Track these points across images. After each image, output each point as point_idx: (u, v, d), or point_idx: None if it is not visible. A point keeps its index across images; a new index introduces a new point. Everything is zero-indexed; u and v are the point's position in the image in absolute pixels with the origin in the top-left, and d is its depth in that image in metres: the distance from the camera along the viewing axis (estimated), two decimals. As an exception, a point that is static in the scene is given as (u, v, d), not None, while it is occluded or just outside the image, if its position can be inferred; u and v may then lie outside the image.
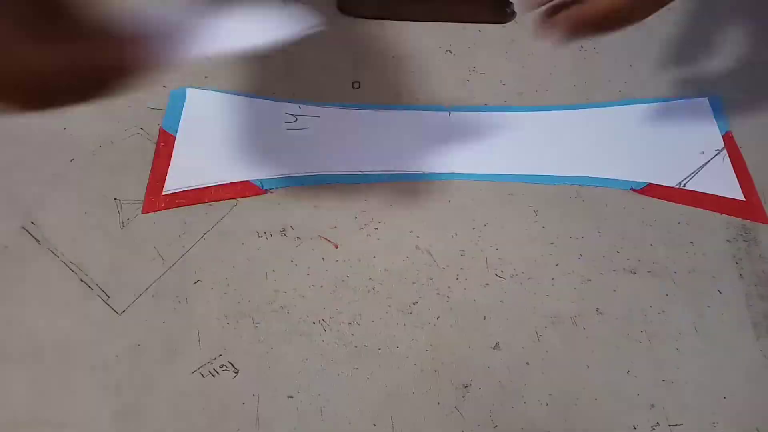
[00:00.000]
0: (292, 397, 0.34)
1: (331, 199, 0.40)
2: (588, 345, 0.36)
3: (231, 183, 0.40)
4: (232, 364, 0.34)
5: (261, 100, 0.45)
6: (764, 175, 0.42)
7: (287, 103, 0.44)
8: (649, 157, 0.43)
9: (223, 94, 0.45)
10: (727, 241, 0.40)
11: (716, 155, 0.43)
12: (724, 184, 0.42)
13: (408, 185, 0.41)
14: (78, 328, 0.35)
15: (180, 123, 0.43)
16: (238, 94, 0.45)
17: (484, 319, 0.37)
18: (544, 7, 0.33)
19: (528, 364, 0.35)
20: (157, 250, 0.38)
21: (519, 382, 0.35)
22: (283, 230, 0.39)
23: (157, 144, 0.42)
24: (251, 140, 0.43)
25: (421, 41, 0.48)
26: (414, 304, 0.37)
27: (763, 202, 0.41)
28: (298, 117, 0.43)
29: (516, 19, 0.50)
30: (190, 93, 0.44)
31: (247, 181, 0.40)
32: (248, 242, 0.39)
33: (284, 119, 0.43)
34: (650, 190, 0.42)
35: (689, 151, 0.44)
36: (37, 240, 0.38)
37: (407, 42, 0.48)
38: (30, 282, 0.36)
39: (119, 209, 0.39)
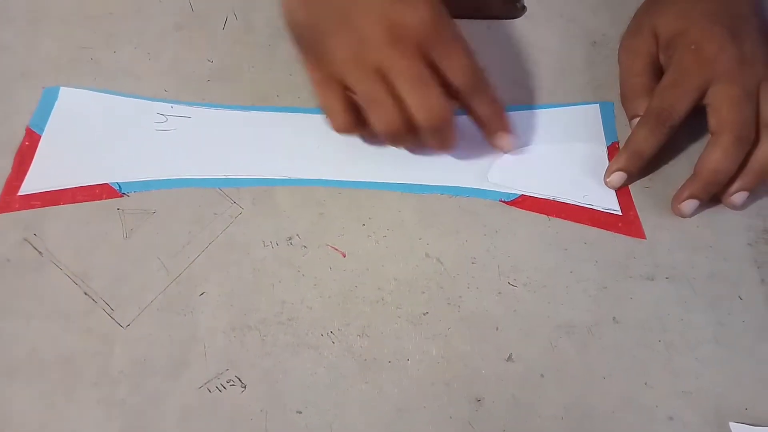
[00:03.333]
0: (300, 412, 0.33)
1: (337, 206, 0.40)
2: (604, 355, 0.35)
3: (89, 186, 0.39)
4: (239, 379, 0.34)
5: (135, 99, 0.43)
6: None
7: (160, 103, 0.43)
8: (528, 167, 0.41)
9: (98, 93, 0.44)
10: (748, 244, 0.39)
11: (596, 166, 0.41)
12: (602, 197, 0.40)
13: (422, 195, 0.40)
14: (82, 342, 0.34)
15: (48, 122, 0.42)
16: (113, 94, 0.44)
17: (497, 329, 0.36)
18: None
19: (542, 375, 0.34)
20: (161, 261, 0.37)
21: (533, 394, 0.34)
22: (290, 239, 0.38)
23: (22, 143, 0.41)
24: (117, 141, 0.41)
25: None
26: (424, 314, 0.36)
27: (640, 217, 0.40)
28: (168, 117, 0.42)
29: (526, 14, 0.49)
30: (63, 92, 0.43)
31: (106, 183, 0.39)
32: (254, 252, 0.38)
33: (155, 119, 0.42)
34: (522, 201, 0.40)
35: (570, 161, 0.42)
36: (40, 252, 0.37)
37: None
38: (33, 295, 0.36)
39: (122, 218, 0.39)
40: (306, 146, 0.42)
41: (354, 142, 0.42)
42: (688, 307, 0.36)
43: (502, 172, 0.41)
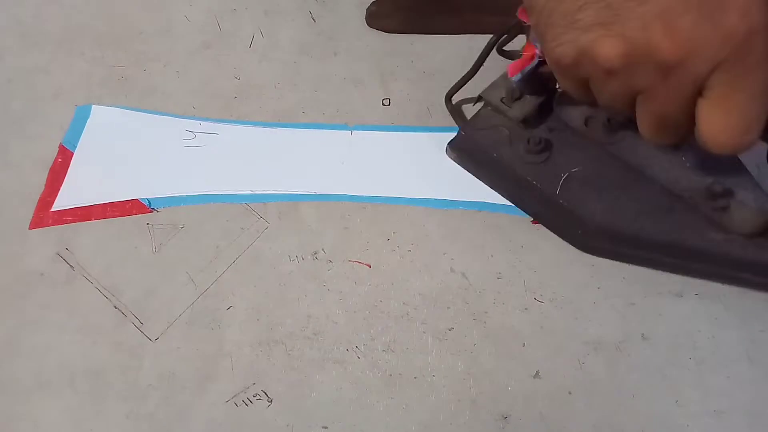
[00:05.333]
0: (326, 427, 0.33)
1: (362, 221, 0.40)
2: (633, 373, 0.34)
3: (120, 201, 0.40)
4: (265, 393, 0.34)
5: (165, 116, 0.44)
6: None
7: (188, 120, 0.44)
8: None
9: (128, 110, 0.44)
10: (780, 260, 0.38)
11: None
12: None
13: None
14: (112, 355, 0.35)
15: (80, 139, 0.43)
16: (143, 111, 0.44)
17: (524, 345, 0.35)
18: None
19: (570, 393, 0.34)
20: (190, 276, 0.38)
21: (561, 412, 0.33)
22: (315, 253, 0.39)
23: (55, 160, 0.42)
24: (146, 158, 0.42)
25: (451, 54, 0.47)
26: (450, 330, 0.36)
27: None
28: (197, 134, 0.43)
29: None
30: (95, 110, 0.44)
31: (136, 199, 0.40)
32: (280, 266, 0.38)
33: (184, 136, 0.43)
34: None
35: None
36: (71, 266, 0.38)
37: (437, 56, 0.47)
38: (64, 309, 0.36)
39: (151, 233, 0.39)
40: (331, 162, 0.42)
41: (378, 156, 0.42)
42: (719, 324, 0.36)
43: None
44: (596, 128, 0.38)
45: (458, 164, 0.42)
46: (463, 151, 0.41)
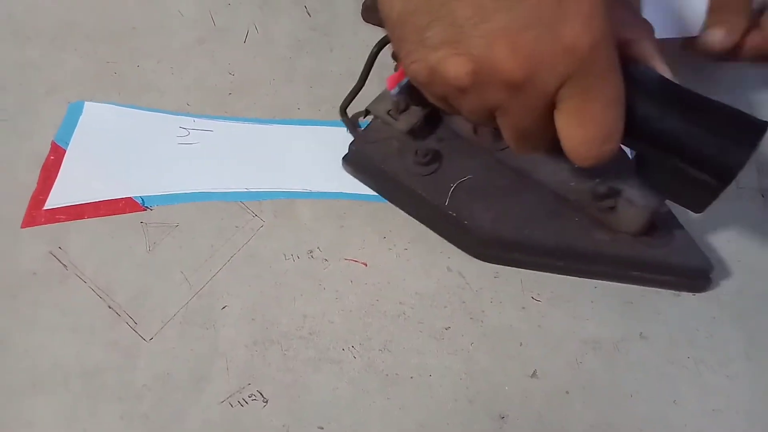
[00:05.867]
0: (322, 428, 0.33)
1: (358, 219, 0.39)
2: (631, 372, 0.34)
3: (113, 200, 0.40)
4: (261, 394, 0.34)
5: (158, 113, 0.44)
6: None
7: (182, 117, 0.43)
8: None
9: (121, 107, 0.44)
10: (779, 258, 0.38)
11: None
12: None
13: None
14: (106, 356, 0.35)
15: (73, 136, 0.42)
16: (136, 108, 0.44)
17: (521, 345, 0.35)
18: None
19: (568, 392, 0.34)
20: (184, 275, 0.37)
21: (558, 412, 0.33)
22: (311, 252, 0.38)
23: (47, 157, 0.41)
24: (140, 155, 0.42)
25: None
26: (446, 329, 0.36)
27: None
28: (191, 131, 0.43)
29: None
30: (88, 106, 0.44)
31: (129, 197, 0.40)
32: (275, 265, 0.38)
33: (178, 133, 0.43)
34: None
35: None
36: (65, 265, 0.37)
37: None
38: (57, 308, 0.36)
39: (145, 232, 0.39)
40: (327, 159, 0.42)
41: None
42: (718, 323, 0.36)
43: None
44: (485, 136, 0.38)
45: (355, 177, 0.41)
46: (357, 165, 0.41)
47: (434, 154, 0.38)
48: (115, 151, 0.42)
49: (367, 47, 0.39)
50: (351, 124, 0.42)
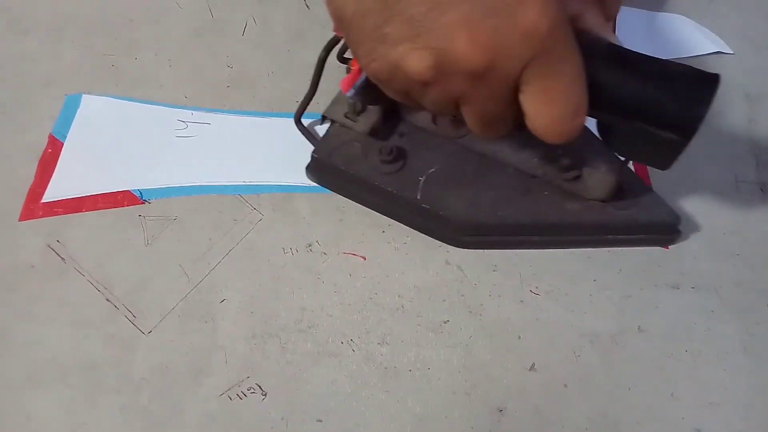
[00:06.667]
0: (321, 420, 0.33)
1: (357, 213, 0.39)
2: (629, 365, 0.34)
3: (111, 193, 0.39)
4: (260, 387, 0.34)
5: (156, 106, 0.44)
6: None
7: (180, 110, 0.43)
8: None
9: (119, 100, 0.44)
10: (777, 252, 0.38)
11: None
12: None
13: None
14: (105, 349, 0.35)
15: (70, 129, 0.42)
16: (134, 101, 0.44)
17: (519, 338, 0.35)
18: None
19: (566, 386, 0.34)
20: (183, 268, 0.37)
21: (556, 405, 0.33)
22: (309, 245, 0.38)
23: (45, 150, 0.41)
24: (138, 148, 0.42)
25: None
26: (445, 322, 0.36)
27: None
28: (188, 124, 0.42)
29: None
30: (85, 99, 0.44)
31: (127, 190, 0.40)
32: (274, 258, 0.38)
33: (175, 126, 0.42)
34: None
35: None
36: (63, 258, 0.37)
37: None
38: (56, 301, 0.36)
39: (144, 225, 0.39)
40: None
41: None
42: (715, 316, 0.36)
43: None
44: (445, 124, 0.39)
45: (320, 185, 0.40)
46: (321, 173, 0.40)
47: (398, 150, 0.38)
48: (112, 144, 0.42)
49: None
50: (308, 133, 0.42)
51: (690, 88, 0.29)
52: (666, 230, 0.38)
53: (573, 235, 0.37)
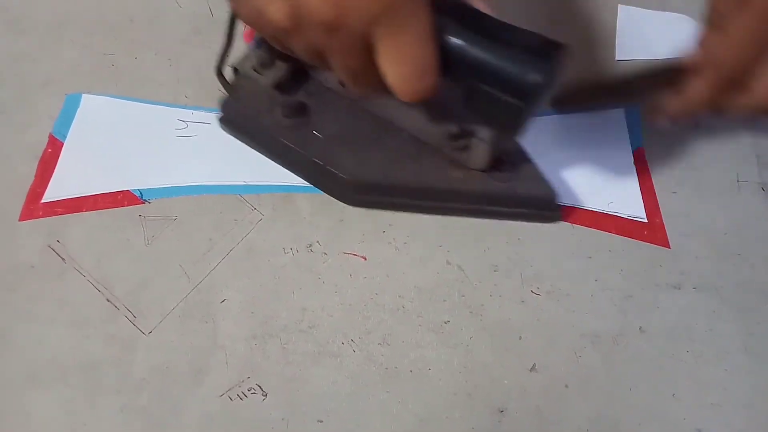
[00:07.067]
0: (322, 421, 0.33)
1: (357, 213, 0.39)
2: (630, 366, 0.34)
3: (111, 192, 0.40)
4: (260, 387, 0.34)
5: (156, 105, 0.43)
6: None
7: (180, 109, 0.43)
8: (551, 174, 0.40)
9: (119, 99, 0.44)
10: (778, 252, 0.38)
11: (622, 172, 0.41)
12: (628, 203, 0.39)
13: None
14: (105, 349, 0.35)
15: (70, 129, 0.42)
16: (134, 100, 0.44)
17: (520, 338, 0.35)
18: None
19: (567, 386, 0.34)
20: (183, 268, 0.37)
21: (557, 405, 0.33)
22: (310, 246, 0.38)
23: (45, 150, 0.41)
24: (138, 148, 0.42)
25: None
26: (446, 323, 0.35)
27: (666, 224, 0.39)
28: (189, 123, 0.43)
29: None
30: (85, 98, 0.44)
31: (127, 190, 0.40)
32: (274, 259, 0.38)
33: (176, 126, 0.42)
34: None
35: (594, 167, 0.41)
36: (63, 258, 0.37)
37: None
38: (56, 301, 0.36)
39: (144, 225, 0.39)
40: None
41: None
42: (717, 317, 0.36)
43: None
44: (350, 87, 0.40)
45: (232, 136, 0.42)
46: (231, 124, 0.42)
47: (299, 106, 0.40)
48: (112, 143, 0.42)
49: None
50: (228, 85, 0.42)
51: (532, 53, 0.29)
52: (545, 206, 0.39)
53: (456, 203, 0.39)
